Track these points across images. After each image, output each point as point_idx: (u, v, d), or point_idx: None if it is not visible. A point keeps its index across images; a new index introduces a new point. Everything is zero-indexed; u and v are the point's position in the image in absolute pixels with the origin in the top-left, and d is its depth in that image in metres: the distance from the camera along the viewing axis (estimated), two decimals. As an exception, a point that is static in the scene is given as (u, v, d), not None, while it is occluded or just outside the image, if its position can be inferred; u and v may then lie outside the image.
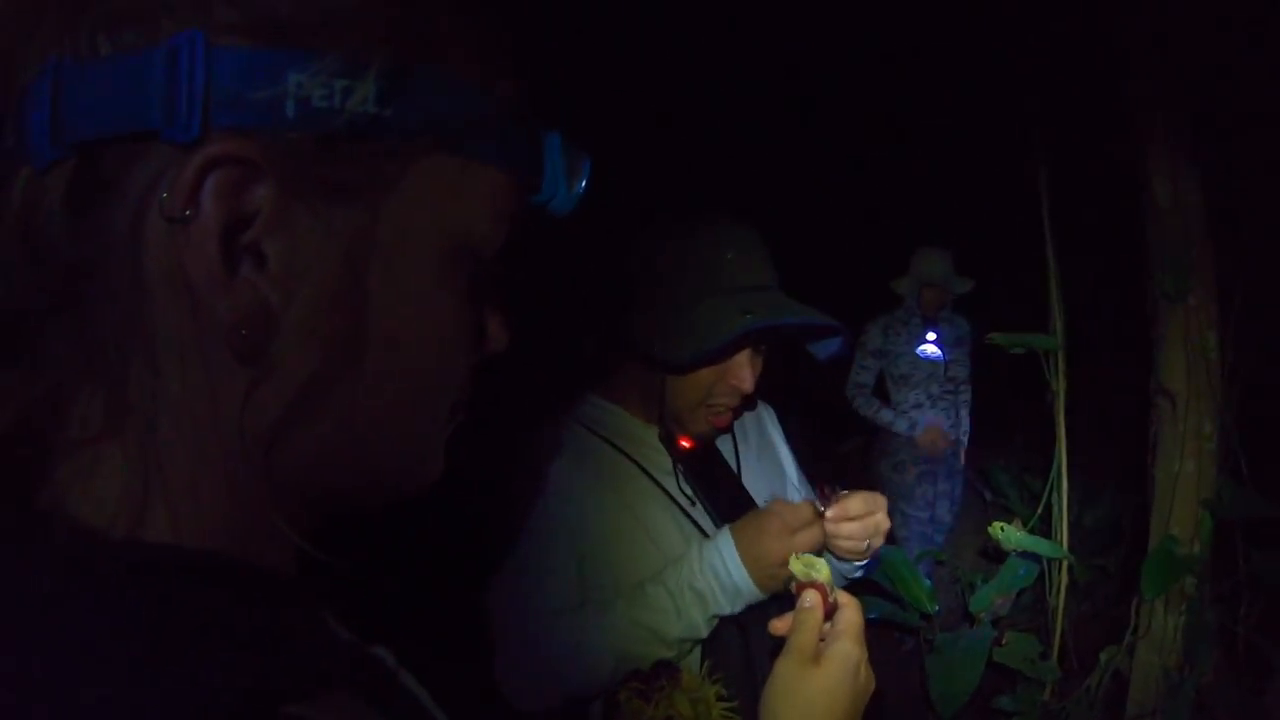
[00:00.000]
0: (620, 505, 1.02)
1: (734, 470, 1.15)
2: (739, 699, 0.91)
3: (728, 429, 1.12)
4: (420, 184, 0.33)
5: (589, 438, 1.07)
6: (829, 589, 0.72)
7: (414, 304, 0.34)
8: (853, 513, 0.98)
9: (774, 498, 1.16)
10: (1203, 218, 2.02)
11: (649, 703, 0.82)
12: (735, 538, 0.96)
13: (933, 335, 3.26)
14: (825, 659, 0.67)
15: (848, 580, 1.13)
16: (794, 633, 0.69)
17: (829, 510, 0.97)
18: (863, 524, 0.99)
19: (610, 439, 1.07)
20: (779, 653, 0.69)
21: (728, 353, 1.00)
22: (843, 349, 1.10)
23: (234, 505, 0.32)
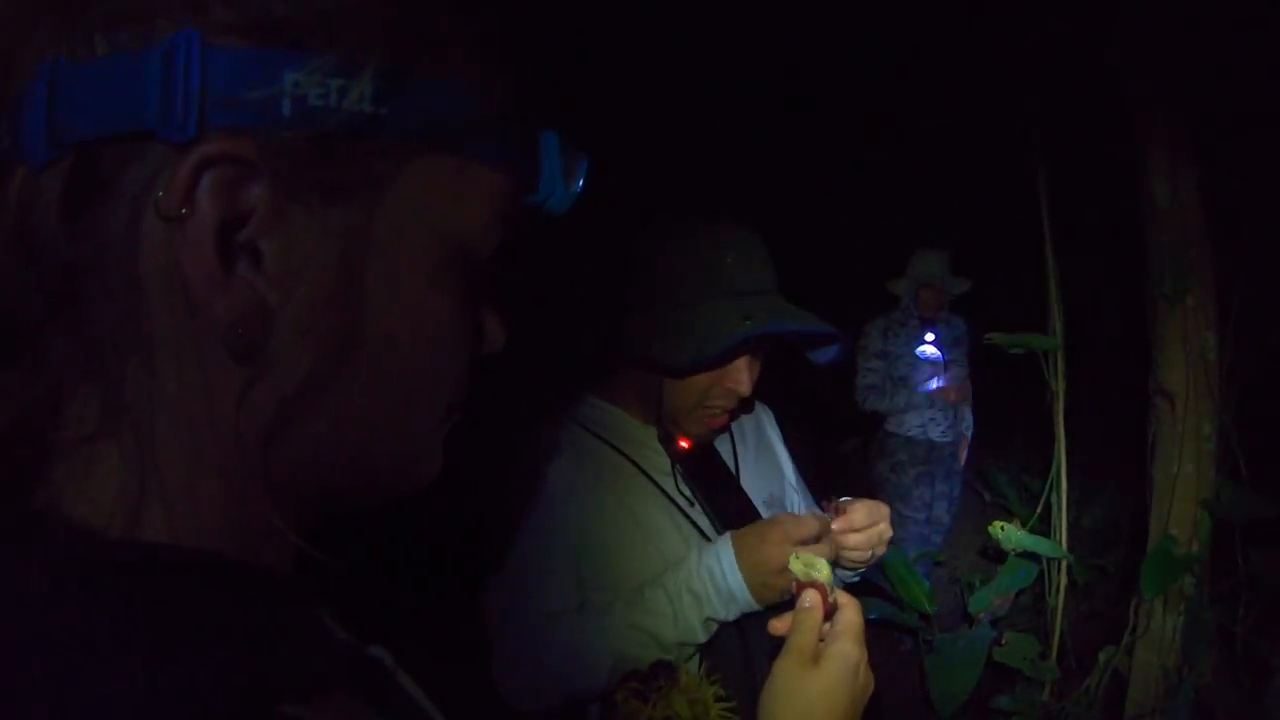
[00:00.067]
0: (619, 506, 1.02)
1: (732, 471, 1.15)
2: (737, 699, 0.91)
3: (725, 430, 1.12)
4: (417, 183, 0.33)
5: (588, 438, 1.06)
6: (829, 589, 0.72)
7: (410, 303, 0.34)
8: (858, 524, 0.99)
9: (772, 499, 1.16)
10: (1202, 218, 2.02)
11: (647, 703, 0.82)
12: (735, 543, 0.96)
13: (931, 336, 3.26)
14: (824, 660, 0.67)
15: (845, 583, 1.13)
16: (793, 633, 0.69)
17: (835, 522, 0.98)
18: (867, 534, 1.00)
19: (609, 440, 1.07)
20: (778, 653, 0.69)
21: (727, 358, 0.99)
22: (840, 355, 1.10)
23: (230, 504, 0.32)
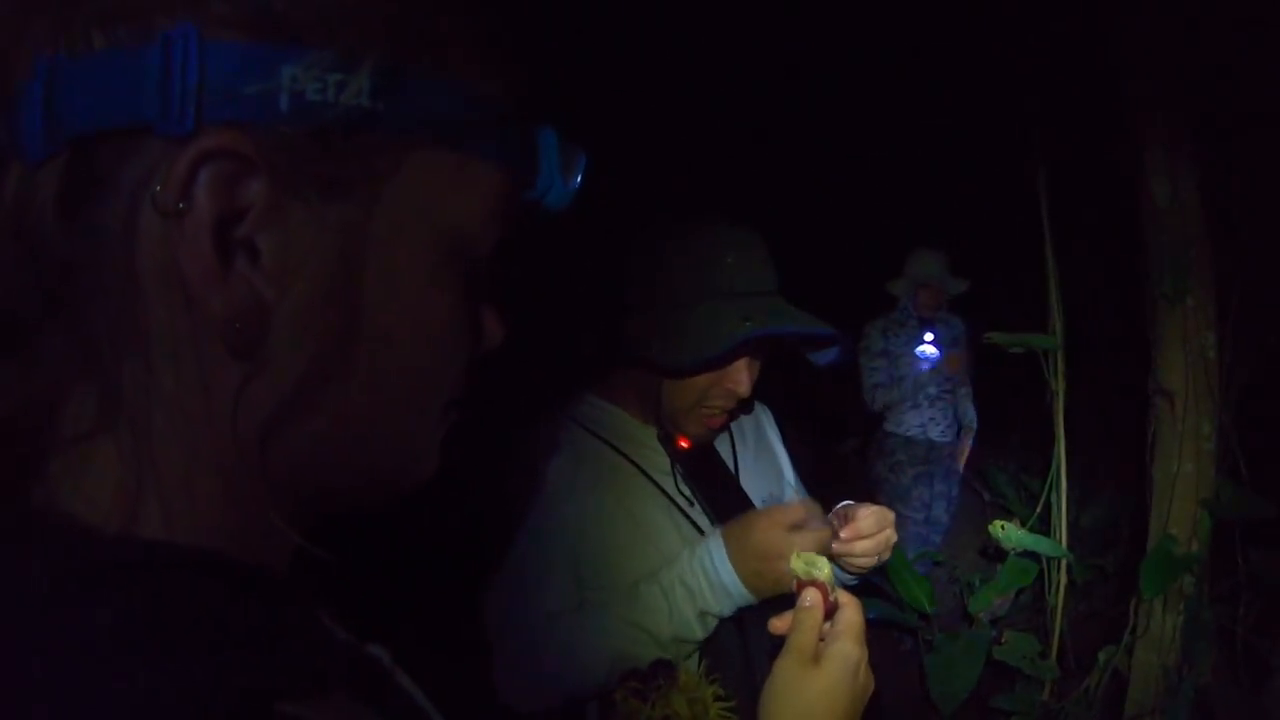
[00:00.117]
0: (618, 505, 1.02)
1: (732, 471, 1.15)
2: (737, 699, 0.91)
3: (724, 430, 1.12)
4: (415, 179, 0.33)
5: (587, 438, 1.06)
6: (830, 588, 0.72)
7: (409, 300, 0.34)
8: (865, 531, 1.00)
9: (771, 499, 1.16)
10: (1201, 218, 2.02)
11: (646, 702, 0.82)
12: (724, 535, 0.96)
13: (930, 336, 3.26)
14: (825, 659, 0.66)
15: (844, 583, 1.13)
16: (793, 632, 0.68)
17: (843, 531, 1.00)
18: (875, 541, 1.01)
19: (608, 439, 1.06)
20: (778, 652, 0.68)
21: (727, 359, 0.99)
22: (840, 356, 1.11)
23: (228, 503, 0.32)
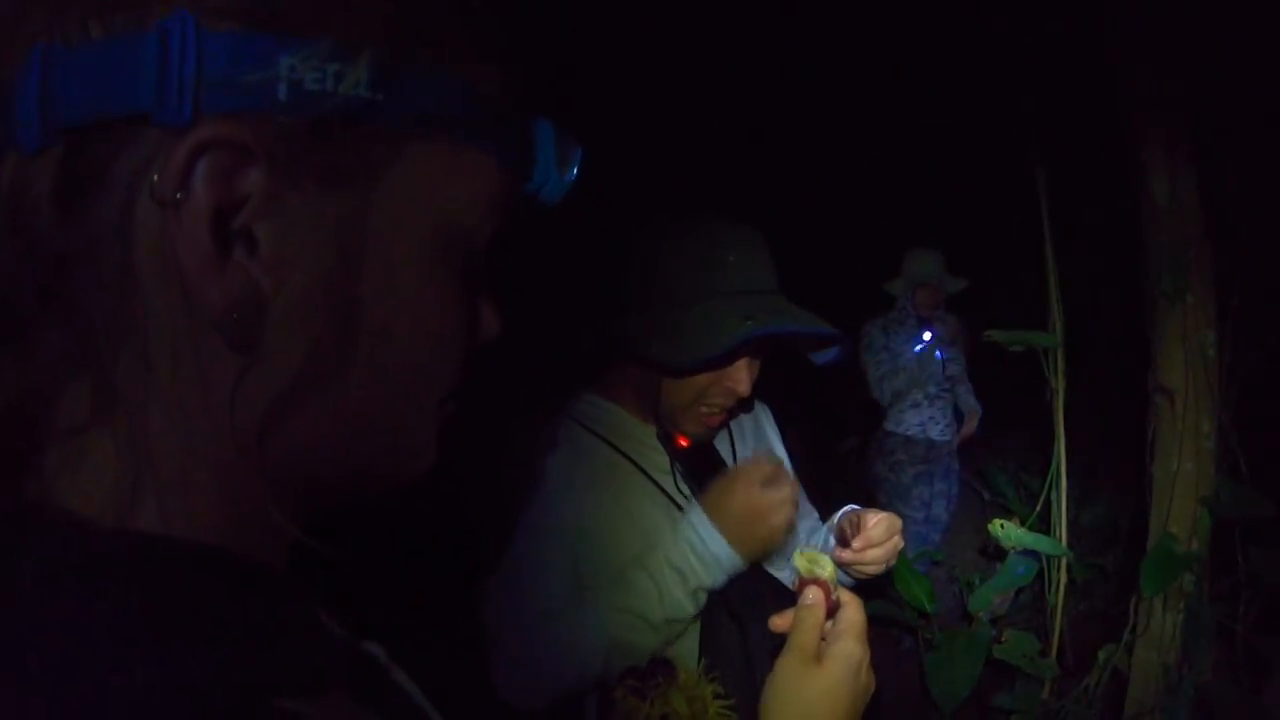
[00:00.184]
0: (616, 503, 1.02)
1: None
2: (736, 697, 0.91)
3: (723, 429, 1.12)
4: (412, 170, 0.33)
5: (586, 435, 1.06)
6: (832, 586, 0.71)
7: (406, 291, 0.34)
8: (876, 540, 1.01)
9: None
10: (1200, 216, 2.02)
11: (645, 700, 0.82)
12: (705, 507, 0.97)
13: (929, 335, 3.26)
14: (827, 658, 0.66)
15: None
16: (795, 631, 0.68)
17: (855, 540, 1.00)
18: (885, 549, 1.02)
19: (607, 437, 1.06)
20: (778, 651, 0.68)
21: (728, 359, 0.99)
22: (840, 355, 1.11)
23: (225, 497, 0.32)
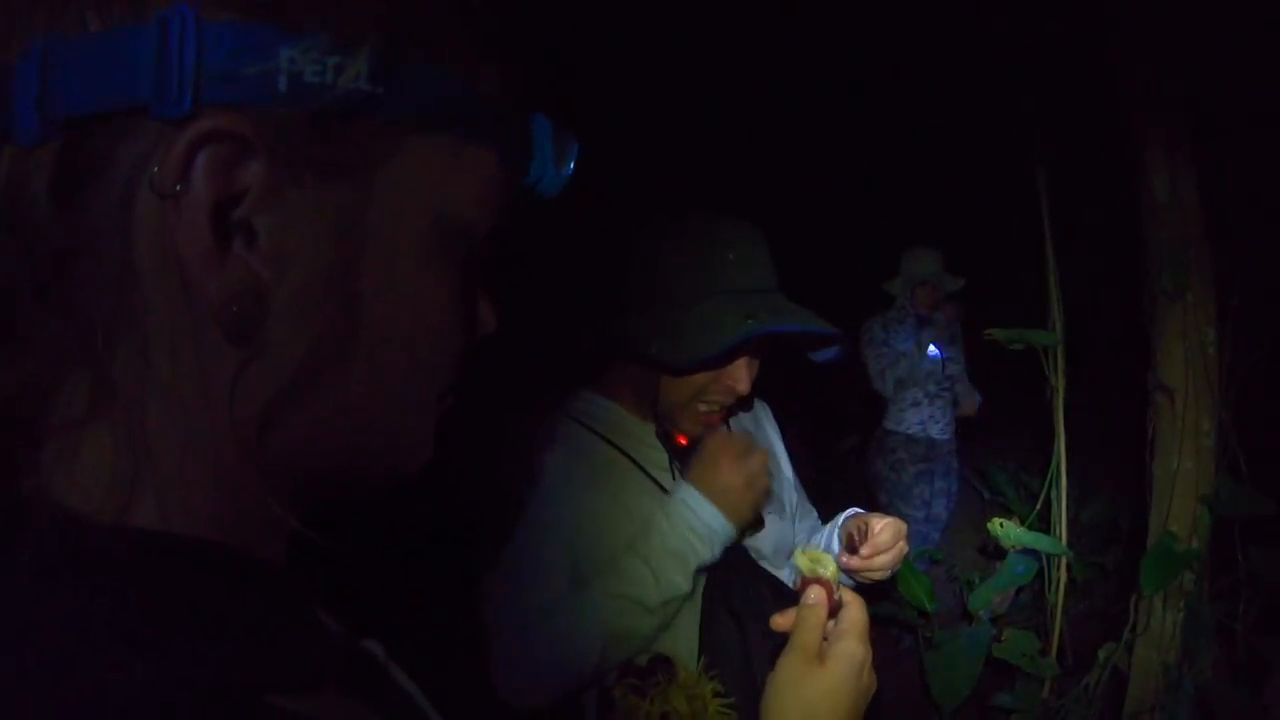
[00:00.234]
0: (615, 500, 1.02)
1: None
2: (736, 695, 0.91)
3: (721, 426, 1.12)
4: (411, 164, 0.33)
5: (584, 433, 1.06)
6: (834, 586, 0.71)
7: (405, 284, 0.34)
8: (883, 547, 1.02)
9: (771, 496, 1.15)
10: (1200, 215, 2.02)
11: (645, 699, 0.82)
12: (696, 485, 0.99)
13: (929, 333, 3.25)
14: (830, 658, 0.66)
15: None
16: (797, 630, 0.68)
17: (863, 548, 1.01)
18: (892, 555, 1.02)
19: (605, 435, 1.06)
20: (779, 650, 0.68)
21: (728, 357, 0.99)
22: (840, 355, 1.11)
23: (224, 492, 0.32)
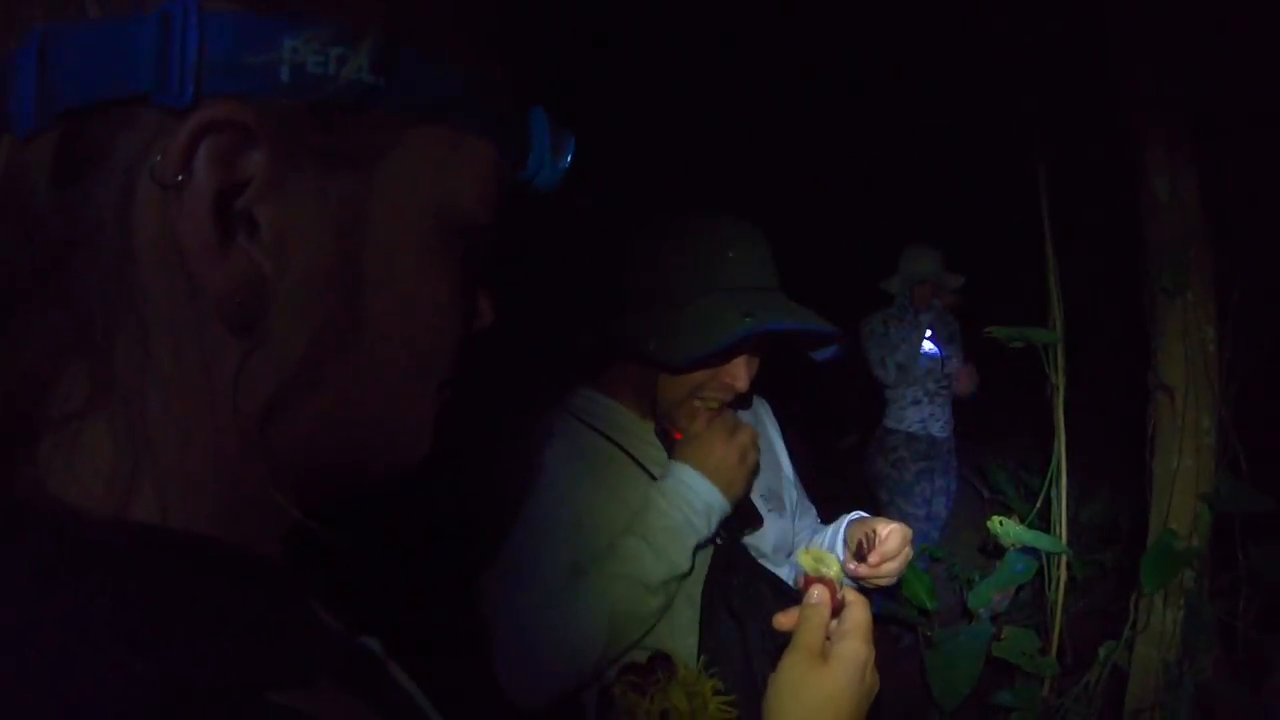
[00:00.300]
0: (615, 497, 1.02)
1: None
2: (736, 693, 0.91)
3: None
4: (412, 155, 0.33)
5: (583, 429, 1.06)
6: (837, 585, 0.71)
7: (406, 275, 0.34)
8: (891, 554, 1.02)
9: (770, 493, 1.16)
10: (1201, 213, 2.01)
11: (645, 696, 0.82)
12: (688, 462, 0.99)
13: (929, 332, 3.26)
14: (833, 658, 0.66)
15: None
16: (800, 629, 0.68)
17: (871, 556, 1.01)
18: (899, 561, 1.02)
19: (605, 431, 1.06)
20: (778, 648, 0.68)
21: (725, 356, 0.99)
22: (840, 354, 1.11)
23: (224, 488, 0.32)
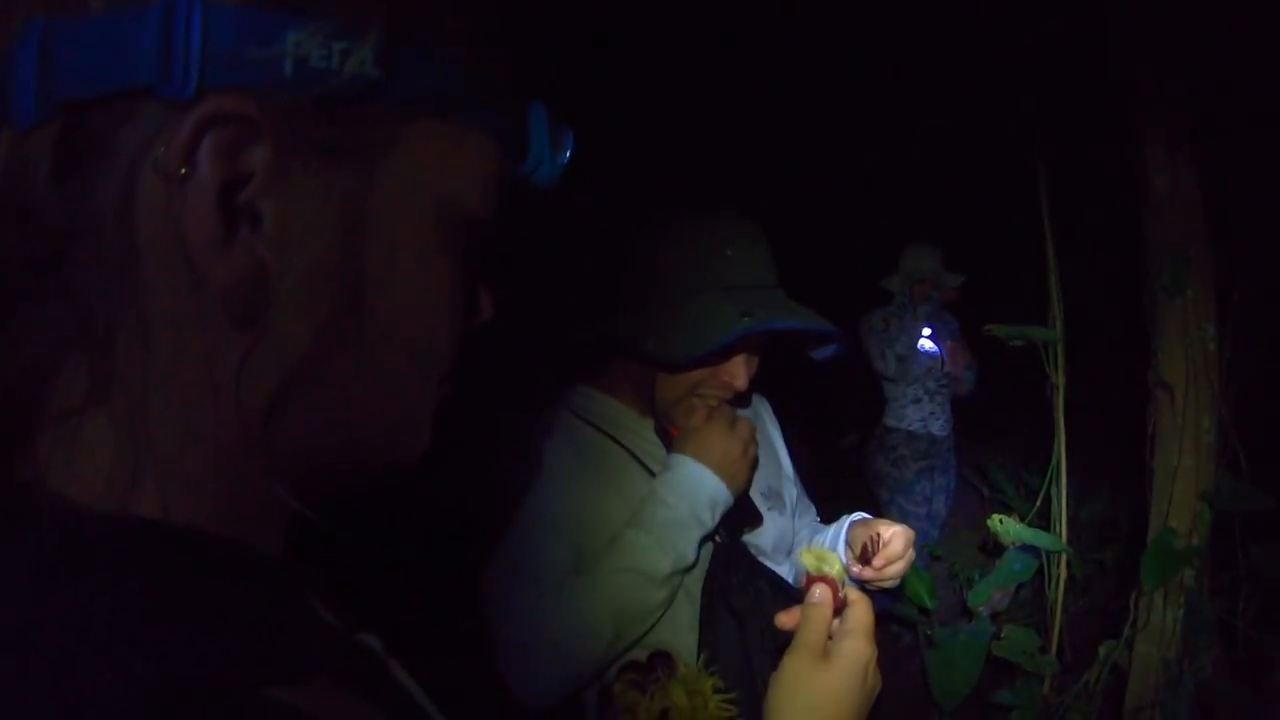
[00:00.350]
0: (616, 493, 1.02)
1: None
2: (736, 691, 0.90)
3: None
4: (414, 149, 0.33)
5: (582, 426, 1.06)
6: (840, 584, 0.71)
7: (408, 269, 0.34)
8: (895, 556, 1.02)
9: (770, 490, 1.15)
10: (1201, 211, 2.01)
11: (645, 694, 0.81)
12: (692, 455, 0.99)
13: (928, 330, 3.26)
14: (835, 657, 0.65)
15: None
16: (802, 628, 0.68)
17: (875, 559, 1.01)
18: (904, 563, 1.03)
19: (604, 428, 1.06)
20: (778, 646, 0.68)
21: (724, 354, 0.99)
22: (840, 353, 1.11)
23: (225, 484, 0.31)
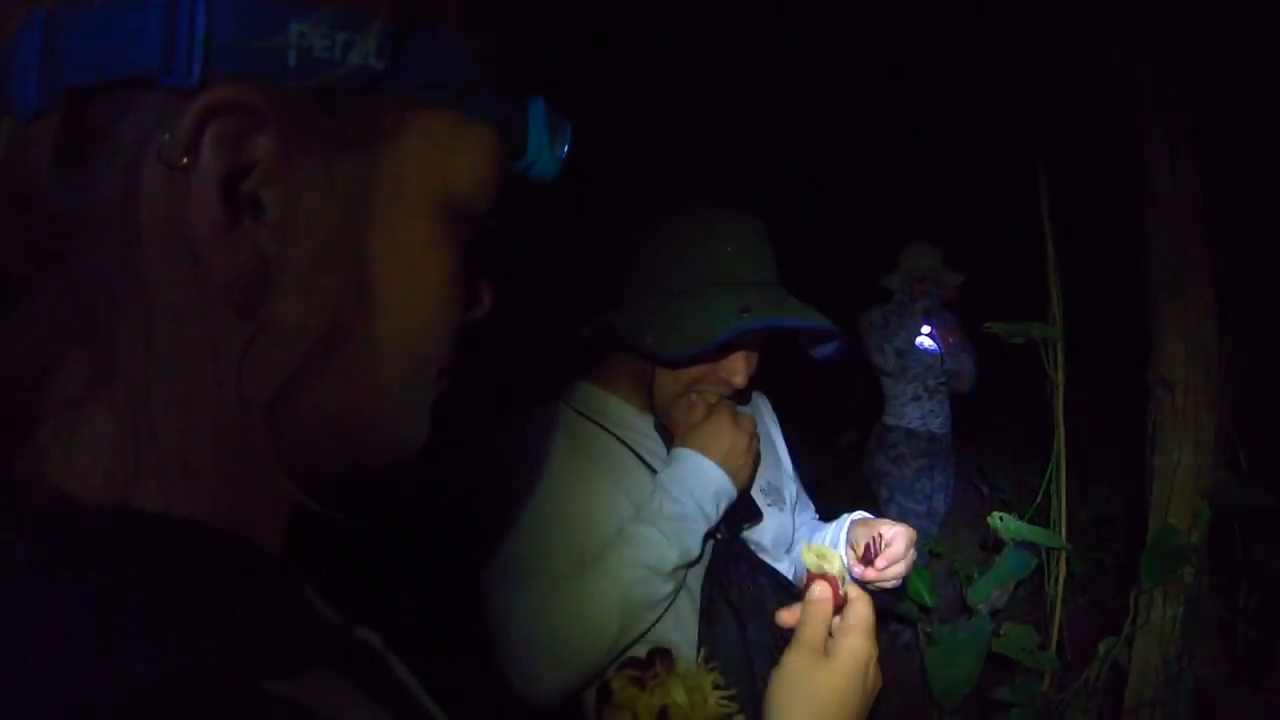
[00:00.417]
0: (617, 488, 1.02)
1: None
2: (736, 688, 0.90)
3: None
4: (416, 140, 0.33)
5: (582, 421, 1.06)
6: (840, 582, 0.71)
7: (409, 259, 0.34)
8: (897, 556, 1.02)
9: (770, 487, 1.15)
10: (1201, 210, 2.01)
11: (644, 690, 0.81)
12: (697, 449, 0.99)
13: (927, 329, 3.26)
14: (836, 654, 0.65)
15: None
16: (803, 625, 0.68)
17: (878, 560, 1.01)
18: (905, 563, 1.02)
19: (604, 424, 1.06)
20: (778, 643, 0.68)
21: (722, 350, 0.99)
22: (839, 351, 1.10)
23: (225, 477, 0.32)
